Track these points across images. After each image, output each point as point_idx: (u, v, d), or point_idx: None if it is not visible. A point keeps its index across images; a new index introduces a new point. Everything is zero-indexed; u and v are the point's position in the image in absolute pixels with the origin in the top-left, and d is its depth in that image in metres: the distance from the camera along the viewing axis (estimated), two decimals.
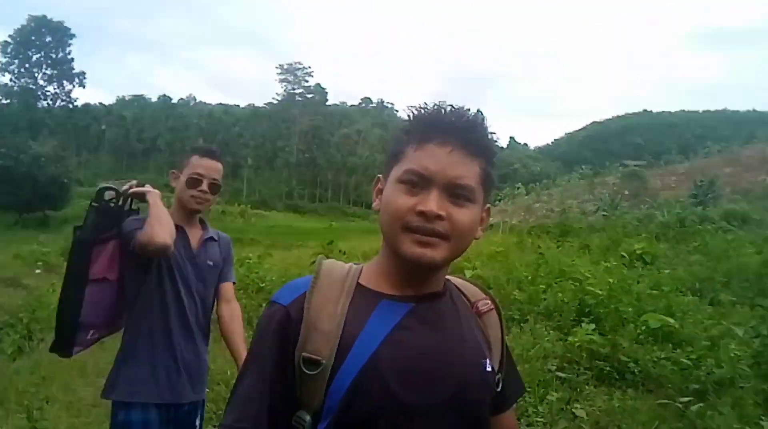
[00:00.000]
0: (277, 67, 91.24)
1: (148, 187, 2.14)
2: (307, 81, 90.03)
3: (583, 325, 5.16)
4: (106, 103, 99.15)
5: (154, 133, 76.12)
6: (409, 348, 0.91)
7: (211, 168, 2.18)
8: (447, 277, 1.06)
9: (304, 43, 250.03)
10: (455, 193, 0.91)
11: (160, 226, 1.99)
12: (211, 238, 2.27)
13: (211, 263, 2.23)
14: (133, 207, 2.20)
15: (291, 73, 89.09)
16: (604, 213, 41.71)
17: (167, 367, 2.09)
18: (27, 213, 28.54)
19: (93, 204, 2.09)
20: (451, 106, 0.96)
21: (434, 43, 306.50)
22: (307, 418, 0.89)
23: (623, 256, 9.95)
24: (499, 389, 1.06)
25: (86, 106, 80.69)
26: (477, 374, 0.98)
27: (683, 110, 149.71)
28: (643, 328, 5.15)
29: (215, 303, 2.29)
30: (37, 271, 9.92)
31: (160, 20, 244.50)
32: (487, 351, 1.03)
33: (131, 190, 2.14)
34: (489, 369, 1.01)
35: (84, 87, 68.38)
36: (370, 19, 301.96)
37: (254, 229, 29.61)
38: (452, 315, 1.01)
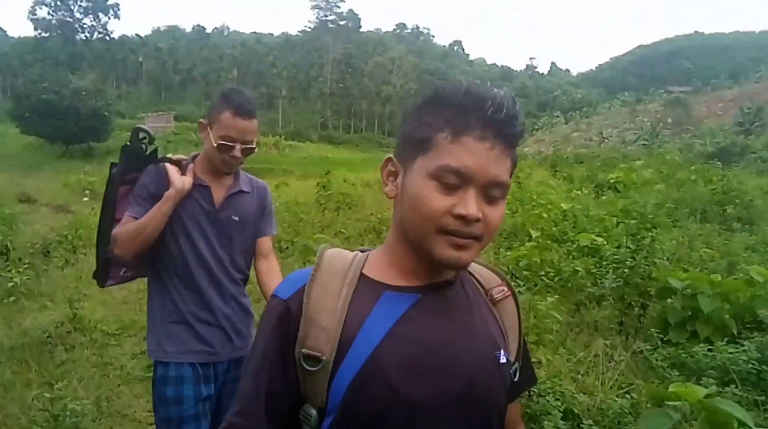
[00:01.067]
0: None
1: (177, 180, 1.96)
2: (339, 7, 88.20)
3: (527, 243, 5.73)
4: (142, 34, 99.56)
5: (189, 64, 76.40)
6: (413, 341, 0.88)
7: (245, 130, 1.96)
8: None
9: None
10: (490, 191, 0.86)
11: (130, 240, 1.92)
12: (241, 191, 2.09)
13: (236, 218, 2.06)
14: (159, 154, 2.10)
15: None
16: (644, 142, 40.82)
17: (197, 322, 2.01)
18: (73, 144, 29.81)
19: (126, 144, 2.06)
20: (482, 86, 0.87)
21: None
22: (313, 412, 0.88)
23: (596, 186, 10.97)
24: (516, 379, 1.03)
25: (123, 37, 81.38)
26: (489, 368, 0.93)
27: (737, 31, 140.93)
28: (575, 245, 5.71)
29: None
30: (85, 199, 10.78)
31: None
32: (502, 342, 0.99)
33: (172, 162, 2.02)
34: (504, 361, 0.96)
35: (119, 18, 69.22)
36: None
37: (288, 160, 30.22)
38: (463, 305, 0.96)
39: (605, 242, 5.46)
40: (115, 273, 2.13)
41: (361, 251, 0.99)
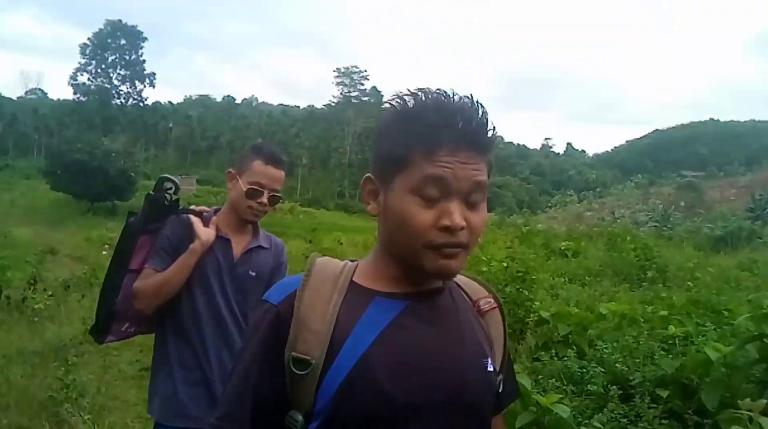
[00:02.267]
0: (334, 71, 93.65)
1: (202, 232, 1.97)
2: (362, 84, 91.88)
3: None
4: (175, 101, 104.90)
5: (217, 131, 79.83)
6: (402, 346, 0.89)
7: (274, 178, 2.00)
8: None
9: (362, 44, 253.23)
10: (471, 198, 0.89)
11: (154, 294, 1.93)
12: (260, 247, 2.10)
13: (253, 274, 2.06)
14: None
15: (347, 76, 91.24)
16: (656, 224, 41.15)
17: (204, 386, 1.95)
18: (98, 202, 31.31)
19: (150, 193, 2.05)
20: (450, 97, 0.90)
21: (492, 46, 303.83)
22: (299, 417, 0.88)
23: (552, 251, 12.53)
24: (500, 390, 1.04)
25: (156, 104, 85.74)
26: (477, 374, 0.95)
27: (753, 120, 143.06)
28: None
29: None
30: (104, 252, 11.57)
31: (225, 22, 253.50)
32: (488, 351, 1.00)
33: (194, 213, 2.05)
34: (491, 369, 0.98)
35: (154, 87, 73.09)
36: (429, 20, 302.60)
37: (300, 225, 31.16)
38: (451, 312, 0.98)
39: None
40: (116, 328, 2.09)
41: (351, 261, 1.01)
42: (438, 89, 0.91)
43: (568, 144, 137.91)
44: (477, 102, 0.89)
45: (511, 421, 2.73)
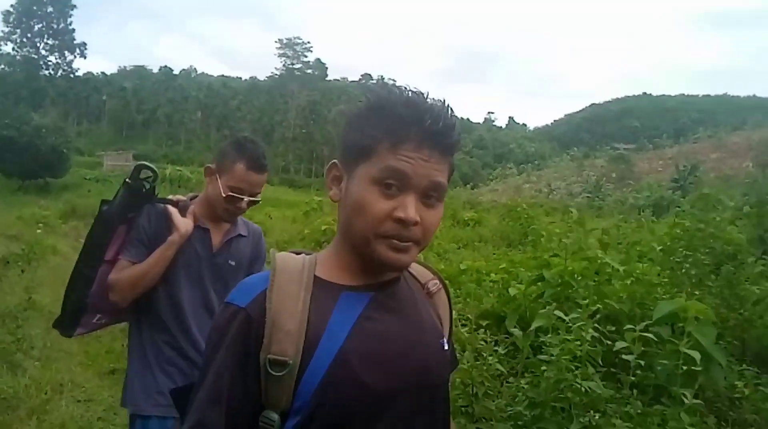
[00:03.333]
0: (276, 42, 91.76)
1: (181, 223, 1.93)
2: (306, 56, 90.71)
3: None
4: (108, 72, 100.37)
5: (154, 104, 77.09)
6: (374, 337, 0.93)
7: (255, 183, 1.95)
8: None
9: (308, 16, 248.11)
10: (429, 195, 0.92)
11: (131, 286, 1.89)
12: (240, 235, 2.08)
13: (233, 263, 2.04)
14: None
15: (290, 47, 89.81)
16: (588, 195, 43.22)
17: (186, 373, 1.93)
18: (29, 180, 30.09)
19: (127, 180, 1.96)
20: (421, 95, 0.93)
21: (436, 21, 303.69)
22: (275, 417, 0.89)
23: (457, 221, 14.02)
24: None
25: (88, 75, 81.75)
26: (437, 355, 1.01)
27: (683, 94, 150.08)
28: None
29: None
30: (38, 230, 11.52)
31: None
32: (441, 330, 1.07)
33: (171, 203, 1.99)
34: (447, 347, 1.05)
35: (85, 58, 69.48)
36: None
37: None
38: (410, 299, 1.03)
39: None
40: (87, 320, 2.01)
41: (307, 254, 1.02)
42: (413, 88, 0.94)
43: (510, 118, 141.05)
44: (448, 106, 0.93)
45: None
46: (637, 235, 8.07)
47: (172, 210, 1.95)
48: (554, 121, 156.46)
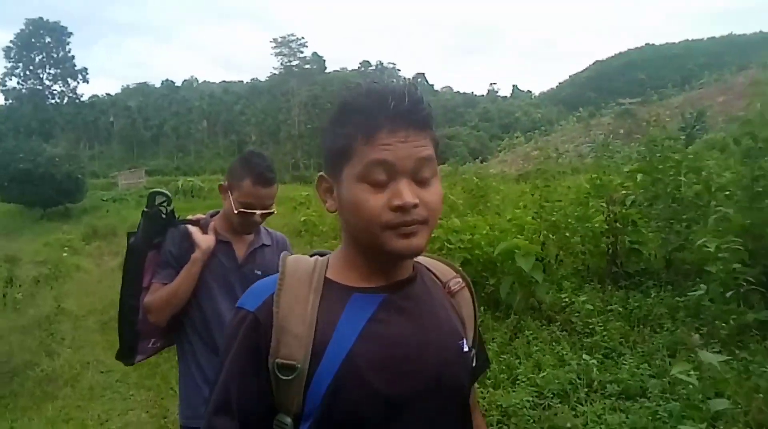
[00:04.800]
0: (271, 41, 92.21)
1: (201, 240, 2.03)
2: (302, 52, 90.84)
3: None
4: (113, 92, 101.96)
5: (159, 119, 78.41)
6: (385, 340, 0.91)
7: (264, 196, 2.03)
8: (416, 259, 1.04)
9: (300, 11, 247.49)
10: (420, 175, 0.90)
11: (164, 306, 1.98)
12: (264, 245, 2.15)
13: (259, 272, 2.08)
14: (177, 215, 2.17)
15: (285, 45, 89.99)
16: (596, 154, 43.18)
17: None
18: (50, 208, 31.33)
19: (145, 209, 2.06)
20: (382, 84, 0.92)
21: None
22: (288, 420, 0.89)
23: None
24: (473, 365, 1.07)
25: (94, 98, 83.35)
26: (455, 357, 0.98)
27: (687, 40, 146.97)
28: None
29: None
30: (64, 254, 12.51)
31: (152, 2, 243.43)
32: (462, 331, 1.03)
33: (192, 224, 2.10)
34: (466, 349, 1.01)
35: (87, 82, 71.59)
36: None
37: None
38: (426, 299, 1.00)
39: None
40: (143, 346, 2.14)
41: (320, 255, 1.02)
42: (370, 79, 0.97)
43: (514, 86, 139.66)
44: (411, 83, 0.93)
45: None
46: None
47: (193, 229, 2.06)
48: (559, 83, 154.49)
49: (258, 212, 2.03)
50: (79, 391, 5.45)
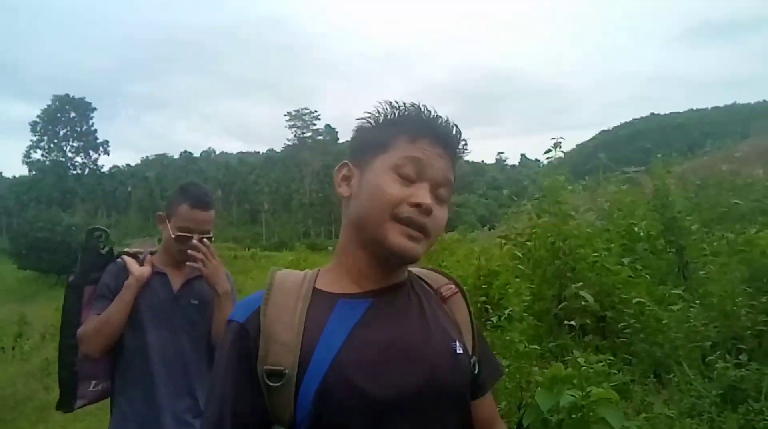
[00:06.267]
0: (285, 115, 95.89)
1: (135, 269, 2.02)
2: (314, 124, 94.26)
3: None
4: (132, 163, 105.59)
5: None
6: (371, 344, 0.91)
7: (202, 220, 2.03)
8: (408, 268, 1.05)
9: (314, 83, 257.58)
10: (439, 192, 0.96)
11: (96, 334, 1.94)
12: (199, 276, 2.08)
13: (196, 302, 2.09)
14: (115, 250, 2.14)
15: (299, 118, 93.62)
16: (602, 221, 43.88)
17: (154, 423, 1.97)
18: (64, 274, 32.40)
19: (83, 246, 2.07)
20: (434, 109, 0.99)
21: (439, 64, 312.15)
22: None
23: None
24: (476, 372, 1.05)
25: (114, 169, 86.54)
26: (446, 358, 0.97)
27: (691, 109, 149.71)
28: None
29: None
30: None
31: (172, 78, 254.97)
32: (456, 334, 1.03)
33: (129, 255, 2.09)
34: (461, 351, 1.00)
35: (108, 154, 74.50)
36: (372, 45, 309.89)
37: (262, 267, 32.79)
38: (414, 304, 1.00)
39: None
40: (84, 390, 2.08)
41: (311, 271, 1.03)
42: (422, 103, 1.01)
43: (522, 155, 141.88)
44: (454, 122, 1.02)
45: None
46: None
47: (129, 259, 2.06)
48: (565, 152, 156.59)
49: (195, 236, 2.01)
50: (66, 415, 6.36)
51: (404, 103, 1.01)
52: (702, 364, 3.07)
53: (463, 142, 1.01)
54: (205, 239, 2.03)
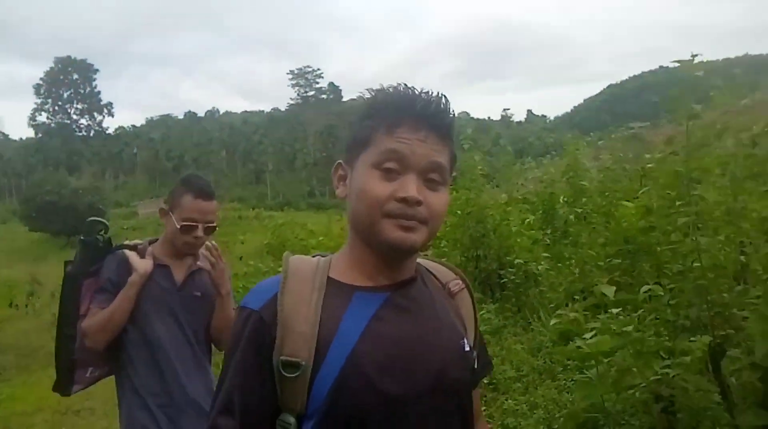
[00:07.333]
0: (287, 73, 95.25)
1: (138, 264, 2.01)
2: (317, 83, 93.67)
3: None
4: (137, 123, 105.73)
5: (181, 150, 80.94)
6: (387, 339, 0.92)
7: (205, 211, 2.04)
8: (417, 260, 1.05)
9: (320, 42, 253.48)
10: (429, 177, 0.93)
11: (101, 330, 1.96)
12: (201, 269, 2.13)
13: (198, 294, 2.12)
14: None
15: (301, 77, 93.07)
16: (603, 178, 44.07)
17: (165, 407, 2.01)
18: (74, 236, 33.43)
19: (81, 237, 2.07)
20: (413, 88, 0.96)
21: (445, 18, 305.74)
22: (292, 420, 0.89)
23: None
24: (476, 367, 1.07)
25: (119, 129, 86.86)
26: (456, 356, 0.99)
27: (701, 61, 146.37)
28: None
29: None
30: None
31: (176, 35, 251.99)
32: (463, 331, 1.04)
33: (129, 248, 2.09)
34: (467, 349, 1.02)
35: (113, 116, 75.03)
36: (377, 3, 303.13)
37: (265, 228, 33.47)
38: (427, 299, 1.01)
39: None
40: (80, 376, 2.12)
41: (322, 256, 1.04)
42: (401, 83, 0.98)
43: (528, 111, 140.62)
44: (441, 94, 0.97)
45: None
46: None
47: (130, 253, 2.05)
48: (574, 107, 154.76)
49: (200, 226, 2.04)
50: None
51: (381, 89, 0.99)
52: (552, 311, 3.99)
53: (449, 118, 0.98)
54: (213, 242, 2.10)
